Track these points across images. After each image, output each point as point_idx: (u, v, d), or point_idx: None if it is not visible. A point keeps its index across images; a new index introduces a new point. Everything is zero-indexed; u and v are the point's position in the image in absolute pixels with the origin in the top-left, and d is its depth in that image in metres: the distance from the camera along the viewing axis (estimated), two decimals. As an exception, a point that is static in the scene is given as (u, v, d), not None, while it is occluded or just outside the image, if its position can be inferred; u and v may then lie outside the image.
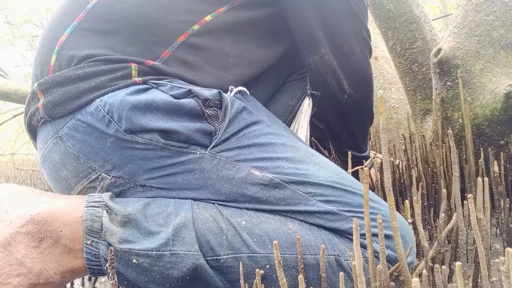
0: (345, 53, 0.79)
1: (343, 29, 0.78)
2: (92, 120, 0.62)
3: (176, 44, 0.67)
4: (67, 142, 0.63)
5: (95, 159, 0.62)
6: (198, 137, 0.61)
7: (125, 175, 0.62)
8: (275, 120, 0.73)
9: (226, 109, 0.63)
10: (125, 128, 0.60)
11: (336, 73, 0.80)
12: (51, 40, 0.68)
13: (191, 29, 0.68)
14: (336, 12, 0.77)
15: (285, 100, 0.87)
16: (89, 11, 0.67)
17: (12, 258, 0.54)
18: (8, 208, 0.57)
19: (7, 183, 2.66)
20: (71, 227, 0.57)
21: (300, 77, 0.87)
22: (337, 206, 0.60)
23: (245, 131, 0.64)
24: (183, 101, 0.62)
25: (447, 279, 0.50)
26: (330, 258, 0.58)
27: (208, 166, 0.61)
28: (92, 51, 0.64)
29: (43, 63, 0.67)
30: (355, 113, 0.86)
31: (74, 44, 0.66)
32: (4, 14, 5.28)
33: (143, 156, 0.61)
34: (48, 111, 0.63)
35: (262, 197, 0.60)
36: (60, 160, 0.64)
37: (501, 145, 1.02)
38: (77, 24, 0.67)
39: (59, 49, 0.66)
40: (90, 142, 0.62)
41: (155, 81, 0.64)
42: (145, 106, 0.60)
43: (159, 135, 0.61)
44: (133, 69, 0.64)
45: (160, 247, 0.56)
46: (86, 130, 0.62)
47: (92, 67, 0.63)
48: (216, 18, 0.70)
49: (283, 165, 0.62)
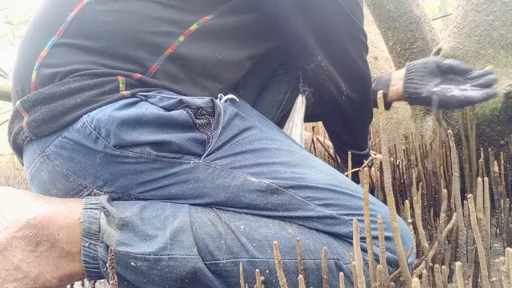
0: (340, 57, 0.79)
1: (336, 34, 0.77)
2: (79, 137, 0.60)
3: (163, 58, 0.64)
4: (55, 160, 0.61)
5: (85, 176, 0.61)
6: (191, 146, 0.60)
7: (118, 189, 0.61)
8: (268, 124, 0.73)
9: (219, 116, 0.62)
10: (114, 143, 0.59)
11: (333, 78, 0.79)
12: (30, 55, 0.65)
13: (177, 41, 0.65)
14: (327, 17, 0.76)
15: (271, 96, 0.87)
16: (69, 25, 0.64)
17: (8, 263, 0.54)
18: (4, 212, 0.56)
19: (7, 183, 2.66)
20: (68, 230, 0.56)
21: (285, 71, 0.87)
22: (335, 210, 0.60)
23: (238, 138, 0.63)
24: (174, 113, 0.60)
25: (447, 279, 0.50)
26: (330, 262, 0.58)
27: (203, 176, 0.60)
28: (76, 66, 0.62)
29: (23, 79, 0.64)
30: (354, 113, 0.86)
31: (56, 60, 0.63)
32: (4, 14, 5.28)
33: (134, 170, 0.60)
34: (33, 130, 0.61)
35: (260, 204, 0.60)
36: (49, 179, 0.63)
37: (501, 145, 1.02)
38: (57, 39, 0.64)
39: (39, 65, 0.63)
40: (78, 159, 0.60)
41: (144, 93, 0.62)
42: (134, 121, 0.59)
43: (151, 147, 0.59)
44: (120, 82, 0.62)
45: (158, 251, 0.55)
46: (74, 148, 0.60)
47: (77, 82, 0.61)
48: (201, 26, 0.68)
49: (279, 170, 0.61)
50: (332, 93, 0.81)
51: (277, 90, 0.87)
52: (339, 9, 0.76)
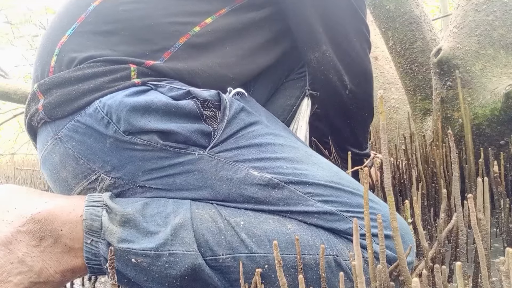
0: (345, 49, 0.80)
1: (343, 25, 0.78)
2: (91, 122, 0.61)
3: (178, 45, 0.67)
4: (67, 143, 0.63)
5: (95, 160, 0.62)
6: (197, 138, 0.61)
7: (125, 176, 0.62)
8: (274, 120, 0.73)
9: (224, 110, 0.63)
10: (124, 129, 0.60)
11: (337, 69, 0.80)
12: (52, 41, 0.68)
13: (192, 31, 0.68)
14: (336, 8, 0.77)
15: (283, 100, 0.87)
16: (91, 13, 0.67)
17: (13, 257, 0.54)
18: (9, 207, 0.57)
19: (7, 183, 2.67)
20: (71, 226, 0.57)
21: (298, 76, 0.87)
22: (336, 206, 0.60)
23: (243, 132, 0.64)
24: (182, 103, 0.62)
25: (447, 279, 0.50)
26: (329, 258, 0.58)
27: (207, 167, 0.61)
28: (92, 53, 0.64)
29: (43, 64, 0.67)
30: (356, 109, 0.86)
31: (74, 46, 0.66)
32: (4, 14, 5.28)
33: (142, 157, 0.61)
34: (48, 112, 0.63)
35: (261, 197, 0.60)
36: (60, 161, 0.64)
37: (501, 145, 1.02)
38: (78, 26, 0.67)
39: (59, 51, 0.66)
40: (89, 143, 0.62)
41: (154, 82, 0.64)
42: (143, 108, 0.60)
43: (158, 136, 0.61)
44: (132, 71, 0.64)
45: (159, 247, 0.56)
46: (85, 132, 0.62)
47: (91, 69, 0.63)
48: (216, 20, 0.71)
49: (281, 165, 0.62)
50: (335, 86, 0.82)
51: (289, 94, 0.87)
52: (348, 1, 0.78)
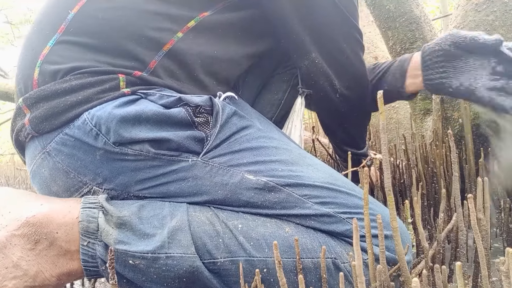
0: (334, 55, 0.79)
1: (330, 32, 0.77)
2: (79, 134, 0.60)
3: (162, 53, 0.65)
4: (56, 157, 0.62)
5: (85, 173, 0.61)
6: (190, 144, 0.61)
7: (117, 187, 0.61)
8: (266, 122, 0.73)
9: (217, 115, 0.63)
10: (114, 140, 0.59)
11: (327, 75, 0.80)
12: (32, 53, 0.66)
13: (176, 37, 0.67)
14: (321, 15, 0.76)
15: (271, 95, 0.87)
16: (70, 23, 0.65)
17: (7, 261, 0.54)
18: (4, 211, 0.57)
19: (7, 183, 2.66)
20: (66, 229, 0.57)
21: (284, 70, 0.87)
22: (332, 208, 0.60)
23: (236, 136, 0.63)
24: (173, 111, 0.61)
25: (447, 279, 0.50)
26: (328, 261, 0.58)
27: (201, 173, 0.61)
28: (77, 64, 0.63)
29: (25, 77, 0.65)
30: (349, 111, 0.86)
31: (57, 57, 0.64)
32: (4, 13, 5.28)
33: (134, 167, 0.60)
34: (35, 126, 0.62)
35: (257, 201, 0.60)
36: (50, 176, 0.63)
37: (501, 145, 1.02)
38: (59, 37, 0.65)
39: (42, 62, 0.64)
40: (79, 156, 0.61)
41: (144, 90, 0.63)
42: (134, 118, 0.59)
43: (149, 145, 0.60)
44: (121, 80, 0.62)
45: (156, 250, 0.56)
46: (74, 144, 0.61)
47: (78, 80, 0.62)
48: (199, 22, 0.69)
49: (277, 168, 0.61)
50: (326, 91, 0.81)
51: (276, 89, 0.87)
52: (334, 6, 0.76)
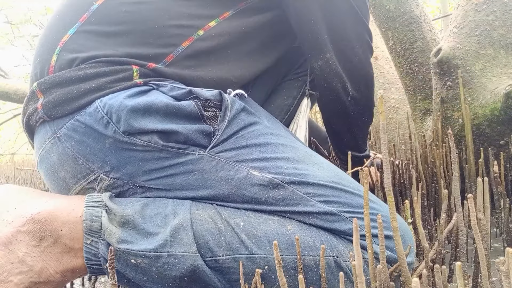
0: (348, 55, 0.79)
1: (346, 32, 0.78)
2: (90, 121, 0.61)
3: (181, 49, 0.67)
4: (66, 142, 0.63)
5: (94, 160, 0.62)
6: (197, 138, 0.61)
7: (124, 176, 0.62)
8: (274, 120, 0.73)
9: (226, 110, 0.63)
10: (123, 129, 0.60)
11: (340, 76, 0.80)
12: (52, 40, 0.67)
13: (196, 34, 0.68)
14: (340, 15, 0.77)
15: (280, 100, 0.87)
16: (93, 13, 0.67)
17: (13, 257, 0.54)
18: (9, 207, 0.57)
19: (7, 183, 2.67)
20: (70, 227, 0.57)
21: (295, 77, 0.88)
22: (336, 207, 0.60)
23: (243, 132, 0.64)
24: (183, 104, 0.61)
25: (447, 279, 0.50)
26: (329, 259, 0.58)
27: (207, 167, 0.61)
28: (94, 53, 0.64)
29: (43, 62, 0.67)
30: (358, 114, 0.86)
31: (76, 45, 0.65)
32: (4, 13, 5.28)
33: (141, 157, 0.61)
34: (48, 111, 0.63)
35: (261, 197, 0.60)
36: (58, 161, 0.64)
37: (501, 145, 1.02)
38: (80, 25, 0.66)
39: (60, 49, 0.65)
40: (88, 143, 0.62)
41: (156, 82, 0.64)
42: (144, 108, 0.60)
43: (158, 136, 0.60)
44: (134, 72, 0.63)
45: (158, 248, 0.56)
46: (85, 131, 0.62)
47: (93, 68, 0.63)
48: (220, 24, 0.70)
49: (282, 165, 0.62)
50: (338, 93, 0.82)
51: (287, 94, 0.87)
52: (351, 7, 0.77)
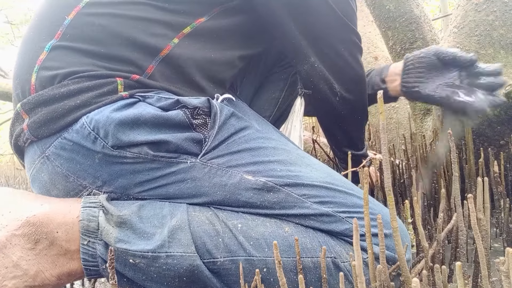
0: (333, 59, 0.79)
1: (327, 36, 0.78)
2: (78, 138, 0.60)
3: (159, 58, 0.66)
4: (55, 161, 0.62)
5: (85, 177, 0.62)
6: (188, 146, 0.61)
7: (117, 189, 0.62)
8: (264, 123, 0.73)
9: (215, 116, 0.63)
10: (112, 144, 0.60)
11: (327, 79, 0.80)
12: (30, 58, 0.66)
13: (172, 42, 0.67)
14: (317, 19, 0.76)
15: (268, 94, 0.88)
16: (67, 29, 0.65)
17: (7, 261, 0.54)
18: (4, 211, 0.57)
19: (7, 183, 2.67)
20: (67, 228, 0.57)
21: (280, 69, 0.88)
22: (331, 207, 0.60)
23: (234, 137, 0.64)
24: (171, 113, 0.61)
25: (447, 279, 0.50)
26: (327, 260, 0.58)
27: (200, 175, 0.61)
28: (75, 68, 0.63)
29: (23, 82, 0.65)
30: (349, 113, 0.86)
31: (54, 62, 0.64)
32: (4, 13, 5.28)
33: (132, 170, 0.61)
34: (34, 131, 0.62)
35: (257, 202, 0.60)
36: (49, 180, 0.63)
37: (501, 145, 1.02)
38: (55, 42, 0.65)
39: (39, 68, 0.64)
40: (78, 160, 0.61)
41: (142, 93, 0.63)
42: (132, 121, 0.60)
43: (148, 147, 0.60)
44: (119, 84, 0.63)
45: (156, 249, 0.56)
46: (73, 148, 0.61)
47: (76, 84, 0.62)
48: (195, 28, 0.69)
49: (275, 168, 0.62)
50: (326, 94, 0.82)
51: (273, 88, 0.88)
52: (329, 10, 0.76)
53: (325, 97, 0.82)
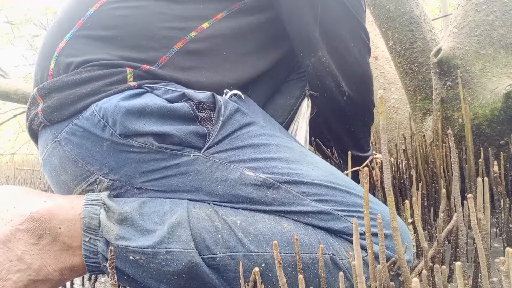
0: (342, 54, 0.79)
1: (339, 30, 0.78)
2: (88, 125, 0.62)
3: (173, 50, 0.67)
4: (66, 146, 0.64)
5: (93, 163, 0.63)
6: (192, 140, 0.62)
7: (122, 178, 0.63)
8: (270, 121, 0.73)
9: (219, 111, 0.64)
10: (120, 132, 0.61)
11: (334, 75, 0.80)
12: (50, 46, 0.69)
13: (189, 36, 0.69)
14: (332, 14, 0.77)
15: (283, 100, 0.87)
16: (88, 18, 0.68)
17: (12, 254, 0.55)
18: (9, 207, 0.58)
19: (7, 183, 2.67)
20: (69, 225, 0.58)
21: (298, 76, 0.88)
22: (331, 206, 0.60)
23: (238, 133, 0.64)
24: (177, 105, 0.62)
25: (447, 279, 0.50)
26: (326, 257, 0.58)
27: (202, 168, 0.61)
28: (89, 57, 0.65)
29: (43, 68, 0.68)
30: (355, 114, 0.86)
31: (72, 50, 0.67)
32: (4, 13, 5.28)
33: (138, 159, 0.62)
34: (47, 116, 0.64)
35: (256, 197, 0.61)
36: (60, 164, 0.65)
37: (501, 145, 1.02)
38: (76, 31, 0.68)
39: (58, 55, 0.67)
40: (87, 146, 0.63)
41: (150, 84, 0.64)
42: (138, 111, 0.61)
43: (153, 138, 0.61)
44: (128, 74, 0.64)
45: (155, 245, 0.56)
46: (83, 135, 0.63)
47: (88, 72, 0.64)
48: (213, 25, 0.71)
49: (276, 165, 0.62)
50: (332, 91, 0.81)
51: (289, 94, 0.87)
52: (344, 6, 0.77)
53: (332, 95, 0.82)
